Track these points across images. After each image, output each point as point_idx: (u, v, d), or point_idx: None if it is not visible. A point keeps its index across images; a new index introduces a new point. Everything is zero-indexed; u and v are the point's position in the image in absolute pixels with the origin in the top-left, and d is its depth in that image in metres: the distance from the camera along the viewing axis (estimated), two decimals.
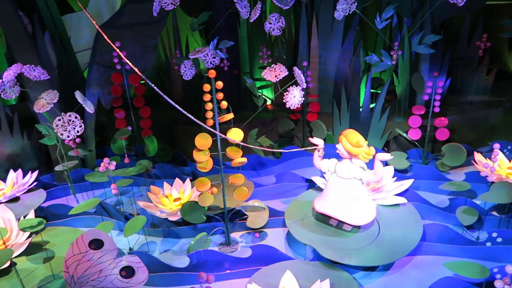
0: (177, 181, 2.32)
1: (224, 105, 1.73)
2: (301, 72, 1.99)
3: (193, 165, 2.77)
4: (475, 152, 2.33)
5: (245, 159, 1.84)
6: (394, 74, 2.86)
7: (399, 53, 2.65)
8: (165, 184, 2.30)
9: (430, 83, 2.28)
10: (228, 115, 1.77)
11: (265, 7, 3.27)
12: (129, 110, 2.60)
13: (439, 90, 2.28)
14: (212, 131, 1.73)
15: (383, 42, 3.05)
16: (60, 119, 1.79)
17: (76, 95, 1.84)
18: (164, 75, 3.36)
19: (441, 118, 2.36)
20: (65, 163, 2.26)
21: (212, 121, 1.74)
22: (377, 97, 2.65)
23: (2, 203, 2.14)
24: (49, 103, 1.87)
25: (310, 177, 2.33)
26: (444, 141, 2.44)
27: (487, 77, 3.04)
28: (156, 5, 2.36)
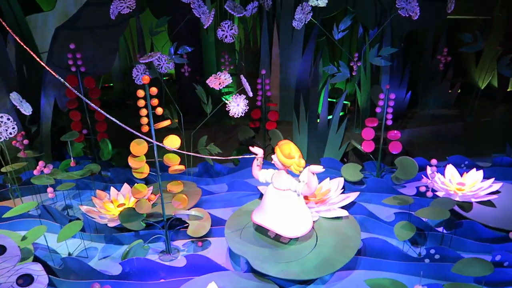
0: (125, 186, 2.29)
1: (159, 111, 1.71)
2: (246, 80, 1.97)
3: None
4: (428, 166, 2.32)
5: (182, 167, 1.82)
6: (356, 85, 2.86)
7: (359, 65, 2.64)
8: (112, 189, 2.27)
9: (382, 96, 2.27)
10: (164, 122, 1.75)
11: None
12: (85, 112, 2.57)
13: (391, 102, 2.27)
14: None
15: (349, 53, 3.05)
16: None
17: (11, 97, 1.82)
18: (129, 78, 3.34)
19: (394, 131, 2.35)
20: (9, 165, 2.22)
21: (147, 127, 1.72)
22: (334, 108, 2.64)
23: None
24: None
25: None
26: (397, 154, 2.43)
27: (450, 91, 3.04)
28: (113, 8, 2.36)
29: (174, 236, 2.14)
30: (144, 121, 1.70)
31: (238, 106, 1.89)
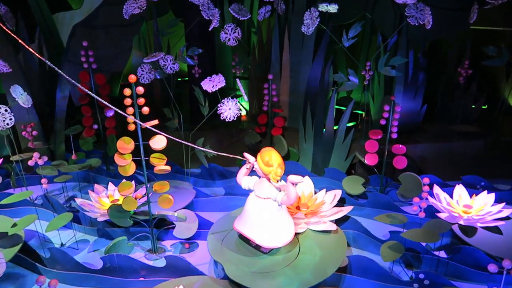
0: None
1: (145, 111, 1.72)
2: (241, 84, 1.95)
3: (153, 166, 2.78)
4: (435, 185, 2.18)
5: (168, 167, 1.82)
6: (370, 95, 2.75)
7: (371, 74, 2.54)
8: (110, 184, 2.31)
9: (387, 107, 2.16)
10: (152, 121, 1.76)
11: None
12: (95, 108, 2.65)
13: (397, 115, 2.15)
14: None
15: (364, 60, 2.94)
16: None
17: (11, 89, 1.90)
18: None
19: (399, 145, 2.23)
20: (16, 155, 2.33)
21: (134, 125, 1.74)
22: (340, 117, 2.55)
23: None
24: None
25: None
26: (402, 170, 2.30)
27: (474, 106, 2.84)
28: (126, 8, 2.41)
29: (164, 235, 2.15)
30: (130, 119, 1.71)
31: (230, 110, 1.86)
